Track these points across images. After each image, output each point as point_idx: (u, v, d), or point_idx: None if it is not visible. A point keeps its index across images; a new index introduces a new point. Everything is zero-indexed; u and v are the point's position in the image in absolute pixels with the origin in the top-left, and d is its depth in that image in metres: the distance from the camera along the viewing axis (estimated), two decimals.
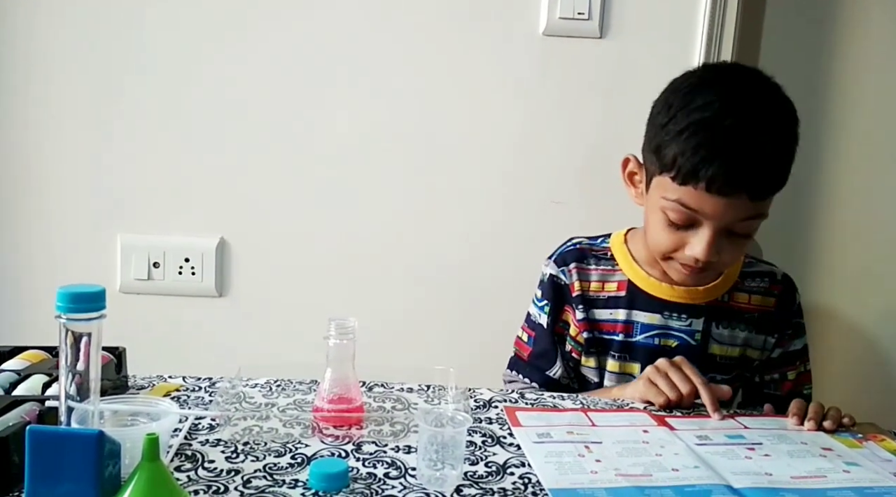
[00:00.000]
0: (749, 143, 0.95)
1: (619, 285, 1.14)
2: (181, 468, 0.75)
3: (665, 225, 1.02)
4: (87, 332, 0.68)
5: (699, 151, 0.95)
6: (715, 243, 0.99)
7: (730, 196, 0.95)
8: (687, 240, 1.01)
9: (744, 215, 0.98)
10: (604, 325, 1.14)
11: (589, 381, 1.16)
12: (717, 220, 0.97)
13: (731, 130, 0.95)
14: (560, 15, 1.42)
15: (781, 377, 1.17)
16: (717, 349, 1.13)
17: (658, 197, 1.01)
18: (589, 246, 1.18)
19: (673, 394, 0.97)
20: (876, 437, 0.91)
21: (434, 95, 1.46)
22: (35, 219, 1.48)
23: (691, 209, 0.98)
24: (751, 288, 1.15)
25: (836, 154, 1.56)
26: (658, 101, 1.05)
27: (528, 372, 1.18)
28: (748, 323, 1.14)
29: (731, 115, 0.95)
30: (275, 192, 1.48)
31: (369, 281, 1.50)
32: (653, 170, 1.04)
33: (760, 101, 0.98)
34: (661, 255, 1.06)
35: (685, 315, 1.12)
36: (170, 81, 1.45)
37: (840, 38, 1.52)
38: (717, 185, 0.94)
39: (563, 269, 1.16)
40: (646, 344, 1.13)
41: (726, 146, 0.94)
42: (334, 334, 0.87)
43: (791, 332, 1.16)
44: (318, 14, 1.44)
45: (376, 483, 0.74)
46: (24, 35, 1.43)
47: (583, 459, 0.80)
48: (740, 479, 0.77)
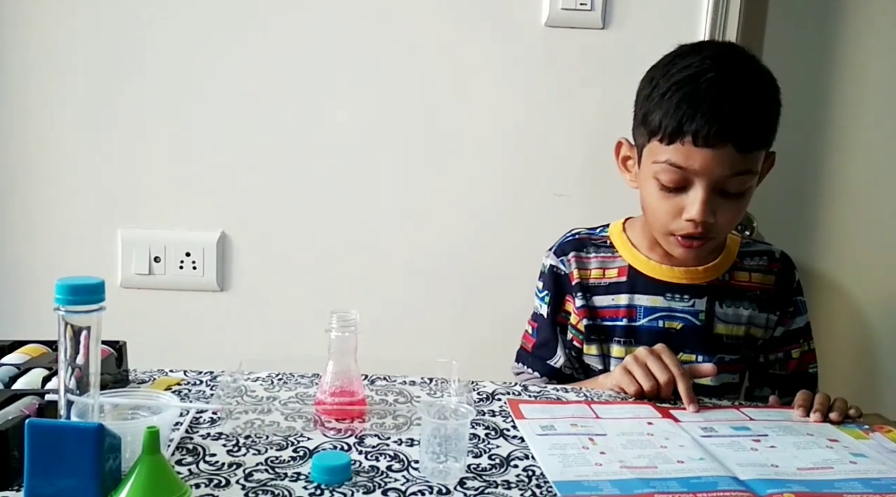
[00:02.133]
0: (730, 94, 0.98)
1: (620, 271, 1.15)
2: (182, 462, 0.74)
3: (660, 193, 1.03)
4: (87, 326, 0.67)
5: (682, 107, 0.98)
6: (709, 202, 1.00)
7: (716, 147, 0.97)
8: (682, 204, 1.02)
9: (733, 169, 0.99)
10: (606, 311, 1.14)
11: (593, 369, 1.16)
12: (708, 175, 0.98)
13: (712, 83, 0.98)
14: (562, 6, 1.41)
15: (786, 356, 1.17)
16: (723, 328, 1.13)
17: (650, 165, 1.03)
18: (588, 235, 1.20)
19: (647, 383, 0.96)
20: (882, 428, 0.91)
21: (436, 87, 1.45)
22: (36, 214, 1.48)
23: (681, 167, 0.99)
24: (751, 266, 1.16)
25: (841, 148, 1.55)
26: (642, 80, 1.08)
27: (531, 362, 1.18)
28: (750, 300, 1.14)
29: (711, 71, 0.99)
30: (275, 185, 1.48)
31: (371, 274, 1.49)
32: (642, 141, 1.06)
33: (740, 62, 1.03)
34: (660, 231, 1.06)
35: (687, 296, 1.12)
36: (170, 77, 1.44)
37: (843, 39, 1.51)
38: (703, 137, 0.96)
39: (562, 259, 1.17)
40: (650, 327, 1.12)
41: (708, 98, 0.97)
42: (336, 327, 0.87)
43: (792, 309, 1.17)
44: (319, 5, 1.43)
45: (379, 476, 0.73)
46: (23, 31, 1.42)
47: (587, 452, 0.80)
48: (746, 470, 0.76)
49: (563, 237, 1.21)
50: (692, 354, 1.11)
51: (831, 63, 1.52)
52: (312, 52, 1.44)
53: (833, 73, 1.53)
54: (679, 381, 0.96)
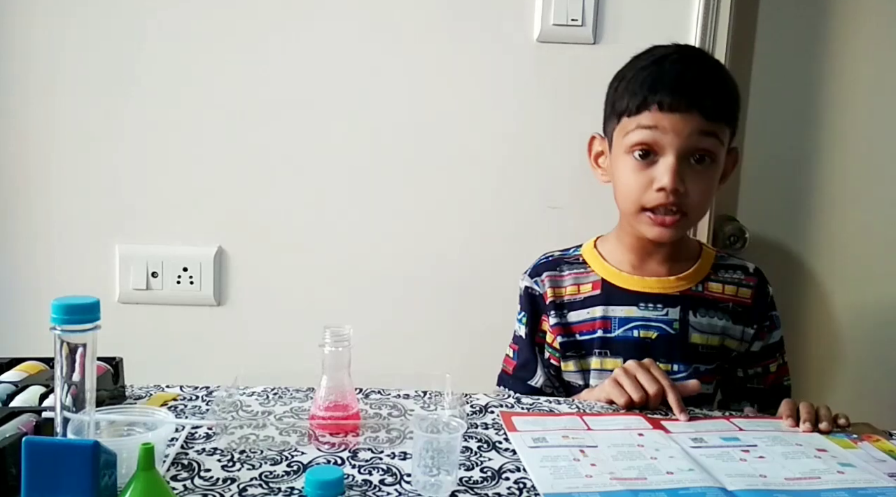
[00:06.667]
0: (693, 70, 1.08)
1: (594, 285, 1.18)
2: (177, 477, 0.75)
3: (632, 167, 1.08)
4: (82, 344, 0.68)
5: (647, 83, 1.06)
6: (678, 169, 1.05)
7: (682, 113, 1.04)
8: (653, 176, 1.06)
9: (700, 132, 1.05)
10: (582, 326, 1.17)
11: (574, 386, 1.17)
12: (676, 139, 1.04)
13: (675, 62, 1.08)
14: (554, 21, 1.42)
15: (764, 371, 1.20)
16: (698, 338, 1.15)
17: (621, 141, 1.10)
18: (561, 255, 1.24)
19: (636, 394, 0.97)
20: (871, 438, 0.92)
21: (428, 103, 1.47)
22: (34, 230, 1.49)
23: (650, 127, 1.05)
24: (724, 278, 1.18)
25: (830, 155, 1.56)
26: (611, 81, 1.16)
27: (511, 385, 1.20)
28: (724, 311, 1.17)
29: (675, 54, 1.10)
30: (272, 200, 1.49)
31: (366, 288, 1.50)
32: (612, 126, 1.13)
33: (702, 52, 1.17)
34: (633, 209, 1.10)
35: (661, 305, 1.15)
36: (168, 92, 1.46)
37: (832, 47, 1.53)
38: (668, 104, 1.04)
39: (535, 279, 1.21)
40: (626, 337, 1.15)
41: (672, 73, 1.06)
42: (329, 342, 0.88)
43: (769, 324, 1.20)
44: (313, 24, 1.44)
45: (371, 490, 0.74)
46: (21, 47, 1.43)
47: (578, 464, 0.81)
48: (735, 481, 0.77)
49: (537, 260, 1.25)
50: (668, 364, 1.12)
51: (822, 79, 1.53)
52: (306, 70, 1.45)
53: (822, 90, 1.54)
54: (668, 391, 0.97)
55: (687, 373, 1.12)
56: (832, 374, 1.60)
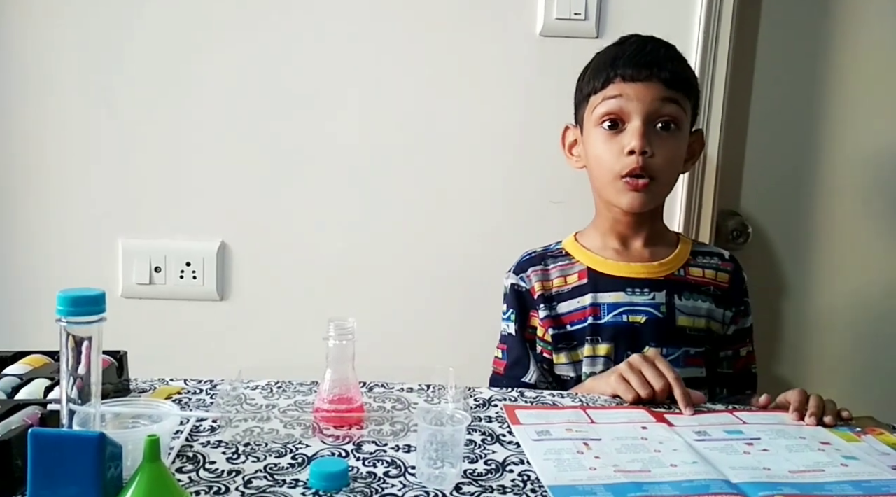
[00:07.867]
0: (650, 43, 1.16)
1: (580, 275, 1.21)
2: (182, 469, 0.75)
3: (603, 138, 1.15)
4: (88, 336, 0.68)
5: (608, 61, 1.16)
6: (646, 132, 1.12)
7: (644, 81, 1.12)
8: (622, 142, 1.13)
9: (663, 97, 1.12)
10: (573, 316, 1.18)
11: (566, 379, 1.18)
12: (640, 105, 1.12)
13: (634, 42, 1.17)
14: (557, 15, 1.42)
15: (735, 354, 1.23)
16: (685, 321, 1.18)
17: (590, 117, 1.17)
18: (543, 251, 1.26)
19: (644, 391, 0.98)
20: (874, 431, 0.92)
21: (432, 98, 1.47)
22: (36, 224, 1.49)
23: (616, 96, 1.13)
24: (703, 263, 1.23)
25: (832, 151, 1.56)
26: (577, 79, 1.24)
27: (504, 383, 1.19)
28: (706, 295, 1.21)
29: (633, 36, 1.19)
30: (274, 195, 1.49)
31: (370, 282, 1.50)
32: (583, 110, 1.20)
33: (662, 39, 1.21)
34: (608, 179, 1.15)
35: (647, 289, 1.18)
36: (170, 85, 1.46)
37: (835, 42, 1.52)
38: (630, 74, 1.12)
39: (521, 276, 1.23)
40: (615, 322, 1.17)
41: (632, 48, 1.16)
42: (334, 335, 0.88)
43: (743, 308, 1.24)
44: (316, 18, 1.44)
45: (376, 482, 0.74)
46: (19, 40, 1.43)
47: (581, 456, 0.81)
48: (738, 473, 0.78)
49: (519, 258, 1.26)
50: (658, 347, 1.13)
51: (824, 74, 1.53)
52: (310, 64, 1.45)
53: (826, 83, 1.54)
54: (674, 386, 0.97)
55: (676, 356, 1.15)
56: (834, 367, 1.60)
